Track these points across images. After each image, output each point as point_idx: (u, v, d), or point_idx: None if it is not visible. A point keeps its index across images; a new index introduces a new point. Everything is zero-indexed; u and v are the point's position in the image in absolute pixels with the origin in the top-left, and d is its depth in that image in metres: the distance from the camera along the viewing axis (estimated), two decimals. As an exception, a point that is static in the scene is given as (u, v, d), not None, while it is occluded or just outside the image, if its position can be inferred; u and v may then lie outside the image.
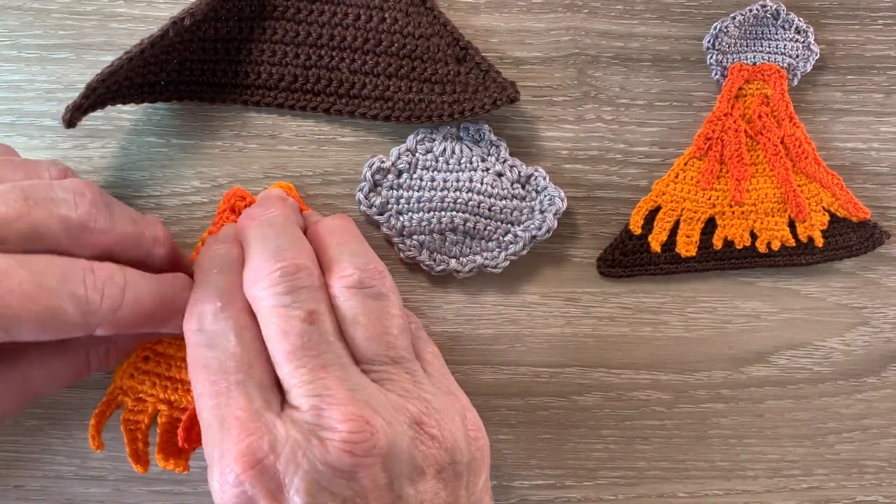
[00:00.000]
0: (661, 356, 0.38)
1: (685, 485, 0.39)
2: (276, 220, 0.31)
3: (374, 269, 0.29)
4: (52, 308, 0.26)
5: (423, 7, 0.35)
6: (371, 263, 0.30)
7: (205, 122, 0.36)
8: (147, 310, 0.29)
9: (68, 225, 0.27)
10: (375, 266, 0.30)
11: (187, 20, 0.33)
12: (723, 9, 0.36)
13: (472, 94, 0.34)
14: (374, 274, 0.29)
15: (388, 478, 0.26)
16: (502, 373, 0.38)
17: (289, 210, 0.32)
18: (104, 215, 0.28)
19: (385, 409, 0.27)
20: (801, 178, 0.37)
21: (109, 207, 0.29)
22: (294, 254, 0.29)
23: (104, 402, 0.35)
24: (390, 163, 0.35)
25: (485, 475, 0.31)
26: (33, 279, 0.25)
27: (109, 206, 0.29)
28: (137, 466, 0.35)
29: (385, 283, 0.29)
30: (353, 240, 0.31)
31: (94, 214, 0.28)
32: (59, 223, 0.27)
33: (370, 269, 0.29)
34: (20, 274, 0.25)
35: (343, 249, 0.30)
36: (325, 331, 0.27)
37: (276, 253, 0.28)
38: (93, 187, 0.29)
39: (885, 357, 0.39)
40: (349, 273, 0.29)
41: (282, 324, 0.27)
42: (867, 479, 0.39)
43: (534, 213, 0.36)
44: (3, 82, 0.36)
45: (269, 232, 0.30)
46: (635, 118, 0.37)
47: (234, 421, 0.26)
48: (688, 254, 0.37)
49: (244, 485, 0.25)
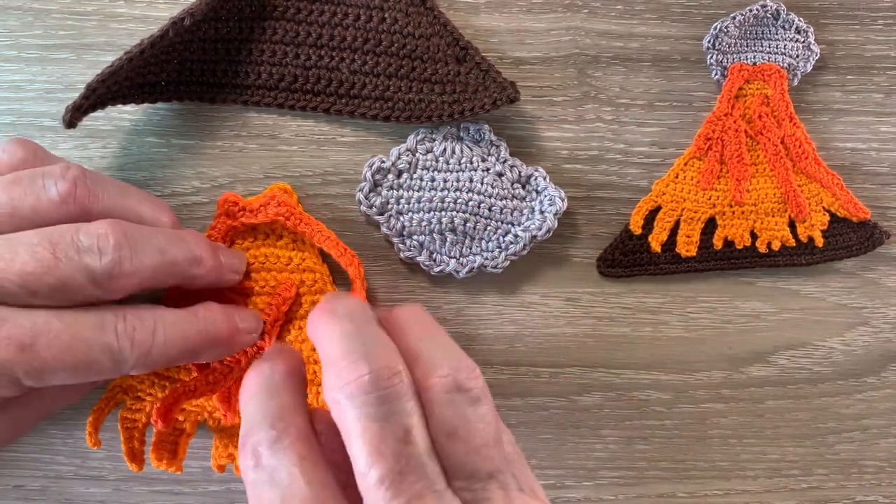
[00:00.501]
0: (661, 356, 0.38)
1: (685, 485, 0.39)
2: (356, 315, 0.27)
3: (468, 367, 0.26)
4: (87, 360, 0.27)
5: (423, 7, 0.35)
6: (464, 360, 0.27)
7: (205, 122, 0.36)
8: (178, 346, 0.29)
9: (94, 277, 0.28)
10: (468, 364, 0.26)
11: (187, 20, 0.33)
12: (723, 9, 0.36)
13: (472, 94, 0.34)
14: (470, 374, 0.26)
15: None
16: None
17: (365, 303, 0.30)
18: (128, 259, 0.28)
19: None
20: (801, 178, 0.37)
21: (135, 246, 0.29)
22: (385, 355, 0.25)
23: (103, 400, 0.35)
24: (390, 163, 0.35)
25: None
26: (68, 332, 0.27)
27: (135, 243, 0.29)
28: (133, 465, 0.35)
29: (480, 383, 0.26)
30: (438, 332, 0.28)
31: (118, 262, 0.28)
32: (86, 275, 0.27)
33: (465, 368, 0.26)
34: (56, 328, 0.27)
35: (431, 344, 0.27)
36: (420, 451, 0.24)
37: (364, 353, 0.25)
38: (116, 227, 0.28)
39: (884, 357, 0.39)
40: (445, 374, 0.26)
41: (375, 444, 0.24)
42: (867, 479, 0.39)
43: (534, 213, 0.36)
44: (4, 82, 0.36)
45: (350, 329, 0.26)
46: (635, 118, 0.37)
47: None
48: (688, 254, 0.37)
49: None
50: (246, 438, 0.26)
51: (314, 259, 0.36)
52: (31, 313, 0.27)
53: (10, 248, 0.27)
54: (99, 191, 0.30)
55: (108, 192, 0.30)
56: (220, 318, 0.32)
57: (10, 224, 0.28)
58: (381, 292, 0.37)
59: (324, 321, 0.27)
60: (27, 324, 0.27)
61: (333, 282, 0.36)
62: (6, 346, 0.26)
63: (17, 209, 0.28)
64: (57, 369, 0.27)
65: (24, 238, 0.28)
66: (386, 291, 0.37)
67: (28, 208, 0.29)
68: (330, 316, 0.27)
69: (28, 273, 0.27)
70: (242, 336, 0.33)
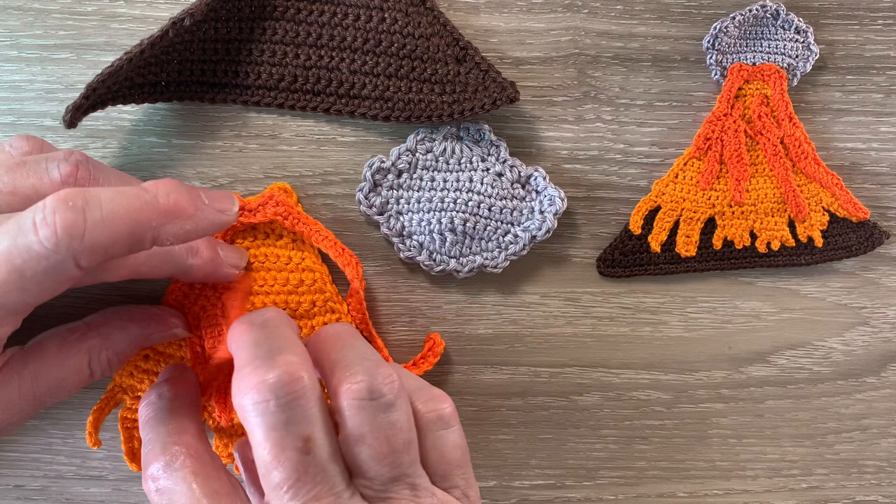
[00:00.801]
0: (661, 356, 0.38)
1: (685, 485, 0.39)
2: (270, 322, 0.28)
3: (384, 374, 0.27)
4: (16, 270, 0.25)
5: (423, 7, 0.35)
6: (382, 367, 0.27)
7: (205, 122, 0.36)
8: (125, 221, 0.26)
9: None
10: (385, 371, 0.27)
11: (187, 20, 0.33)
12: (723, 9, 0.36)
13: (472, 94, 0.34)
14: (385, 380, 0.27)
15: None
16: (502, 373, 0.38)
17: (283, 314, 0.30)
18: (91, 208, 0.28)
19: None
20: (800, 178, 0.37)
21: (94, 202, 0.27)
22: (289, 359, 0.26)
23: (103, 400, 0.35)
24: (390, 163, 0.36)
25: None
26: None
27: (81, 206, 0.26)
28: (132, 464, 0.35)
29: (394, 388, 0.27)
30: (360, 344, 0.29)
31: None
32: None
33: (381, 374, 0.27)
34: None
35: (350, 353, 0.28)
36: (321, 459, 0.25)
37: (268, 358, 0.26)
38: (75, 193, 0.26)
39: (884, 357, 0.39)
40: (358, 380, 0.26)
41: (275, 452, 0.25)
42: (867, 478, 0.39)
43: (534, 213, 0.36)
44: (4, 82, 0.36)
45: (261, 335, 0.27)
46: (635, 118, 0.37)
47: None
48: (687, 254, 0.37)
49: None
50: (145, 466, 0.28)
51: (314, 259, 0.36)
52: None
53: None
54: (100, 176, 0.30)
55: (109, 178, 0.31)
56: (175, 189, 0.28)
57: (11, 203, 0.29)
58: (381, 292, 0.37)
59: (239, 329, 0.28)
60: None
61: (333, 281, 0.36)
62: None
63: (18, 188, 0.29)
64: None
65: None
66: (386, 291, 0.37)
67: (29, 187, 0.29)
68: (246, 325, 0.28)
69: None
70: (211, 211, 0.29)
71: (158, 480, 0.28)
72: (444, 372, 0.38)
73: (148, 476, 0.28)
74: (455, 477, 0.28)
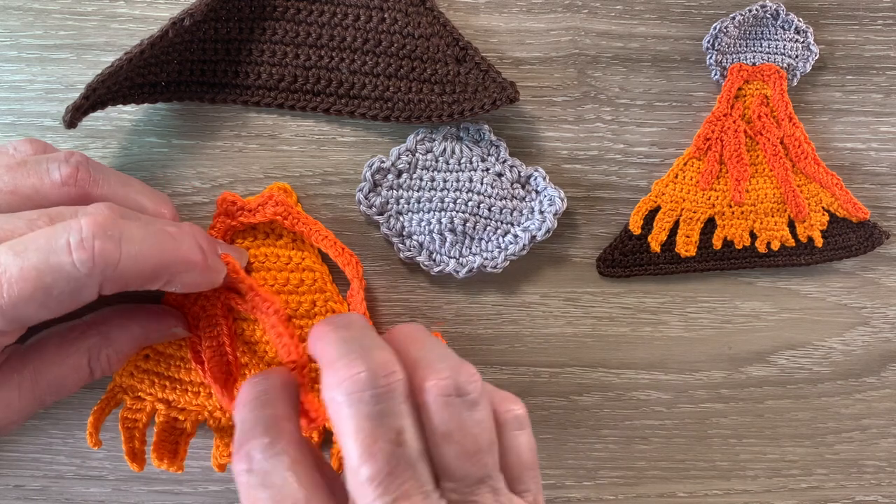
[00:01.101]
0: (661, 356, 0.38)
1: (685, 485, 0.39)
2: (354, 324, 0.28)
3: (468, 372, 0.27)
4: (43, 287, 0.26)
5: (423, 7, 0.35)
6: (465, 366, 0.27)
7: (205, 122, 0.36)
8: (151, 265, 0.28)
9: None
10: (469, 369, 0.27)
11: (187, 21, 0.33)
12: (723, 9, 0.36)
13: (471, 94, 0.34)
14: (469, 378, 0.26)
15: None
16: (502, 373, 0.38)
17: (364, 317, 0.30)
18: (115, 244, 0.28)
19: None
20: (800, 178, 0.37)
21: (118, 239, 0.28)
22: (382, 356, 0.26)
23: (103, 400, 0.35)
24: (390, 163, 0.36)
25: None
26: (17, 263, 0.26)
27: (118, 237, 0.28)
28: (133, 465, 0.35)
29: (478, 388, 0.27)
30: (438, 344, 0.29)
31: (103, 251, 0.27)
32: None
33: (465, 373, 0.27)
34: (5, 262, 0.26)
35: (431, 353, 0.28)
36: (411, 454, 0.25)
37: (361, 354, 0.26)
38: (105, 214, 0.28)
39: (884, 357, 0.39)
40: (444, 376, 0.26)
41: (368, 443, 0.24)
42: (867, 478, 0.39)
43: (533, 213, 0.36)
44: (4, 82, 0.36)
45: (348, 335, 0.27)
46: (635, 118, 0.37)
47: None
48: (687, 254, 0.37)
49: None
50: (240, 444, 0.27)
51: (314, 258, 0.36)
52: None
53: (9, 220, 0.28)
54: (100, 177, 0.31)
55: (109, 180, 0.31)
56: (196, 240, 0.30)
57: (11, 203, 0.29)
58: (381, 292, 0.37)
59: (323, 331, 0.28)
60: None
61: (333, 281, 0.36)
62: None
63: (18, 188, 0.29)
64: (20, 302, 0.26)
65: (25, 214, 0.28)
66: (386, 291, 0.37)
67: (29, 187, 0.29)
68: (329, 325, 0.28)
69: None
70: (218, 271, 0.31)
71: (254, 461, 0.26)
72: (444, 372, 0.37)
73: (242, 455, 0.26)
74: (528, 480, 0.28)
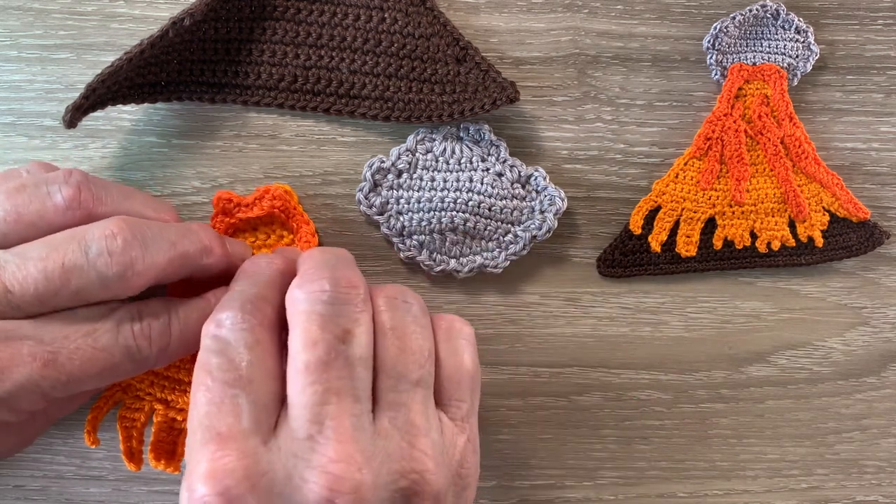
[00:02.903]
0: (661, 356, 0.38)
1: (685, 485, 0.39)
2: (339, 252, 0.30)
3: (414, 295, 0.29)
4: (109, 365, 0.28)
5: (423, 7, 0.35)
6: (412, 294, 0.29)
7: (205, 122, 0.36)
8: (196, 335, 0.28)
9: (106, 282, 0.28)
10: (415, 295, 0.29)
11: (187, 20, 0.33)
12: (723, 9, 0.36)
13: (472, 94, 0.34)
14: (413, 297, 0.29)
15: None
16: (502, 373, 0.38)
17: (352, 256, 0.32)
18: (139, 259, 0.28)
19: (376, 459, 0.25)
20: (801, 178, 0.37)
21: (144, 244, 0.28)
22: (350, 273, 0.27)
23: (101, 399, 0.35)
24: (390, 163, 0.36)
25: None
26: (87, 342, 0.28)
27: (144, 242, 0.28)
28: (131, 465, 0.35)
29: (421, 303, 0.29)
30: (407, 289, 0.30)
31: (130, 263, 0.28)
32: (99, 282, 0.28)
33: (412, 295, 0.29)
34: (75, 340, 0.28)
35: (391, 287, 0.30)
36: (354, 354, 0.26)
37: (332, 267, 0.27)
38: (123, 226, 0.28)
39: (885, 357, 0.39)
40: (395, 290, 0.29)
41: (313, 333, 0.25)
42: (867, 479, 0.39)
43: (534, 213, 0.36)
44: (4, 82, 0.36)
45: (330, 256, 0.29)
46: (635, 118, 0.37)
47: (216, 436, 0.24)
48: (688, 254, 0.37)
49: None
50: (216, 311, 0.27)
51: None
52: (50, 325, 0.28)
53: (21, 265, 0.27)
54: (103, 195, 0.30)
55: (111, 195, 0.30)
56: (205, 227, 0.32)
57: (16, 231, 0.28)
58: (381, 292, 0.37)
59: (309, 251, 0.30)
60: (47, 338, 0.27)
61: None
62: (30, 363, 0.27)
63: (21, 216, 0.28)
64: (82, 378, 0.28)
65: (33, 252, 0.27)
66: (386, 291, 0.37)
67: (33, 214, 0.29)
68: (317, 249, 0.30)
69: (41, 291, 0.27)
70: None
71: (222, 328, 0.26)
72: (444, 372, 0.37)
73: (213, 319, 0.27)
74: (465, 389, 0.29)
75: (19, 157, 0.36)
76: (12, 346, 0.27)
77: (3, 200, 0.29)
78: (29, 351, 0.27)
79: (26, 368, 0.27)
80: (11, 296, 0.27)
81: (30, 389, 0.27)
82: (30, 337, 0.27)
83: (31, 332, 0.27)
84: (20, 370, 0.27)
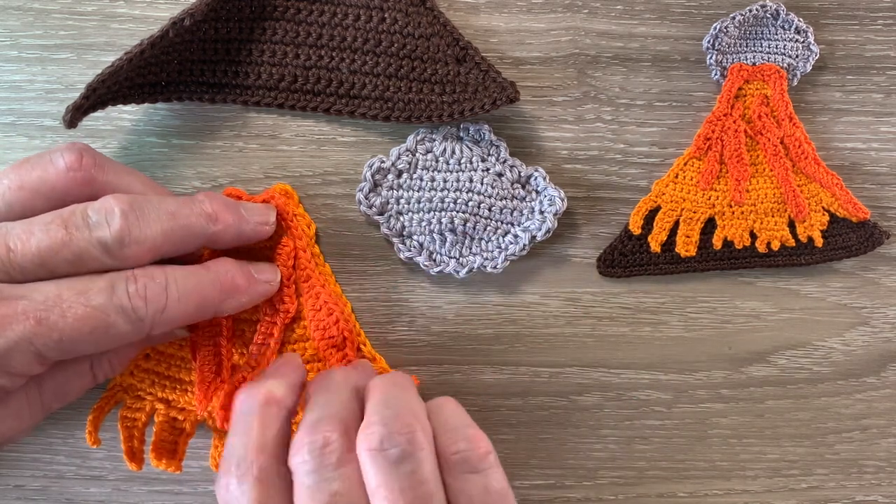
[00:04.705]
0: (661, 356, 0.38)
1: (685, 485, 0.39)
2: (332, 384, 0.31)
3: (402, 423, 0.27)
4: (104, 325, 0.28)
5: (423, 7, 0.35)
6: (402, 416, 0.28)
7: (205, 122, 0.36)
8: (195, 300, 0.30)
9: (106, 246, 0.28)
10: (405, 419, 0.27)
11: (187, 21, 0.33)
12: (723, 9, 0.36)
13: (472, 94, 0.34)
14: (400, 429, 0.27)
15: None
16: (502, 373, 0.38)
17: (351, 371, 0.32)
18: (136, 225, 0.29)
19: None
20: (800, 178, 0.37)
21: (141, 212, 0.29)
22: (329, 425, 0.28)
23: (103, 399, 0.35)
24: (390, 163, 0.36)
25: None
26: (80, 300, 0.28)
27: (141, 210, 0.29)
28: (132, 464, 0.35)
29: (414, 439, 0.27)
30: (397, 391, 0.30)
31: (126, 229, 0.28)
32: (99, 247, 0.28)
33: (397, 424, 0.27)
34: (68, 297, 0.27)
35: (378, 401, 0.29)
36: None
37: (313, 424, 0.28)
38: (122, 197, 0.29)
39: (884, 357, 0.39)
40: (370, 431, 0.27)
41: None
42: (867, 478, 0.39)
43: (533, 213, 0.36)
44: (4, 82, 0.36)
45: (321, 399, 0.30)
46: (635, 118, 0.37)
47: None
48: (687, 254, 0.37)
49: None
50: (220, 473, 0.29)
51: (316, 260, 0.36)
52: (44, 286, 0.28)
53: (26, 228, 0.28)
54: (105, 162, 0.31)
55: (113, 167, 0.31)
56: (233, 268, 0.32)
57: (20, 199, 0.29)
58: (381, 292, 0.37)
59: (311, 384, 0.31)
60: (40, 297, 0.27)
61: (336, 281, 0.36)
62: (23, 320, 0.27)
63: (25, 182, 0.30)
64: (76, 339, 0.28)
65: (38, 219, 0.29)
66: (386, 291, 0.37)
67: (35, 179, 0.30)
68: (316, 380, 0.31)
69: (44, 250, 0.28)
70: (261, 285, 0.33)
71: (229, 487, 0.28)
72: (444, 372, 0.38)
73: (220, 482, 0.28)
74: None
75: (19, 157, 0.36)
76: (7, 305, 0.27)
77: (8, 172, 0.30)
78: (23, 309, 0.27)
79: (20, 326, 0.27)
80: (13, 255, 0.28)
81: (23, 348, 0.27)
82: (24, 297, 0.27)
83: (26, 292, 0.28)
84: (14, 328, 0.27)
